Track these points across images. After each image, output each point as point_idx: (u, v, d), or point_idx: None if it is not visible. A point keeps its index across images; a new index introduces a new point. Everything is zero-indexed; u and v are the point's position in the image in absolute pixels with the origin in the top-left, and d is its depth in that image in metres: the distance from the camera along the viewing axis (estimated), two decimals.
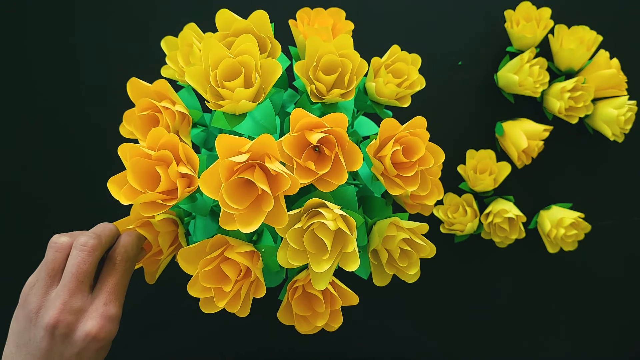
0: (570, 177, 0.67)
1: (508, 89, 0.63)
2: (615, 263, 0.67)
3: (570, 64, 0.61)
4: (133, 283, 0.63)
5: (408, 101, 0.42)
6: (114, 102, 0.64)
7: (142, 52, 0.64)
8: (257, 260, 0.37)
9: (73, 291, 0.34)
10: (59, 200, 0.65)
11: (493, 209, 0.62)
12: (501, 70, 0.62)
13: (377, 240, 0.38)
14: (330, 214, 0.34)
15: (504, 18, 0.64)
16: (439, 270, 0.66)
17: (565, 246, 0.63)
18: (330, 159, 0.34)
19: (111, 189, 0.34)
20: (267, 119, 0.39)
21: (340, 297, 0.39)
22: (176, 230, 0.41)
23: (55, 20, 0.64)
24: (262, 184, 0.31)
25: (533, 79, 0.60)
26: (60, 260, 0.36)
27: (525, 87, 0.60)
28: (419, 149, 0.37)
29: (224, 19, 0.38)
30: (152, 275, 0.41)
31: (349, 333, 0.65)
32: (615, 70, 0.60)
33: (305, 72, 0.38)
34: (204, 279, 0.35)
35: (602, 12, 0.66)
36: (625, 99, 0.61)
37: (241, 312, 0.37)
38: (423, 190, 0.39)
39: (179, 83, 0.45)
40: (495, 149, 0.66)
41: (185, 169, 0.34)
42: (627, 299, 0.68)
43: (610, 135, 0.62)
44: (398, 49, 0.43)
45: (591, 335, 0.68)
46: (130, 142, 0.35)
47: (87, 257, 0.35)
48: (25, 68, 0.64)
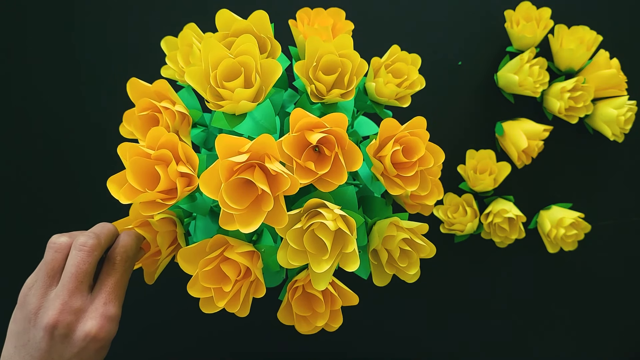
0: (570, 177, 0.67)
1: (508, 89, 0.63)
2: (615, 263, 0.67)
3: (570, 64, 0.61)
4: (133, 283, 0.62)
5: (408, 101, 0.42)
6: (114, 102, 0.64)
7: (142, 52, 0.64)
8: (257, 260, 0.37)
9: (72, 291, 0.34)
10: (59, 200, 0.65)
11: (493, 209, 0.62)
12: (501, 70, 0.62)
13: (377, 240, 0.38)
14: (330, 214, 0.34)
15: (503, 18, 0.64)
16: (439, 270, 0.66)
17: (565, 246, 0.63)
18: (330, 159, 0.34)
19: (111, 189, 0.34)
20: (267, 119, 0.39)
21: (341, 297, 0.39)
22: (175, 230, 0.41)
23: (55, 20, 0.64)
24: (262, 184, 0.31)
25: (533, 79, 0.60)
26: (59, 260, 0.36)
27: (525, 87, 0.60)
28: (419, 149, 0.37)
29: (224, 19, 0.38)
30: (151, 276, 0.41)
31: (348, 333, 0.65)
32: (615, 70, 0.60)
33: (305, 72, 0.38)
34: (203, 279, 0.35)
35: (602, 12, 0.66)
36: (625, 99, 0.61)
37: (241, 312, 0.37)
38: (423, 190, 0.39)
39: (179, 83, 0.45)
40: (495, 149, 0.66)
41: (184, 168, 0.34)
42: (627, 299, 0.68)
43: (610, 135, 0.62)
44: (398, 49, 0.43)
45: (591, 335, 0.68)
46: (130, 142, 0.35)
47: (87, 257, 0.35)
48: (25, 68, 0.64)
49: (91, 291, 0.36)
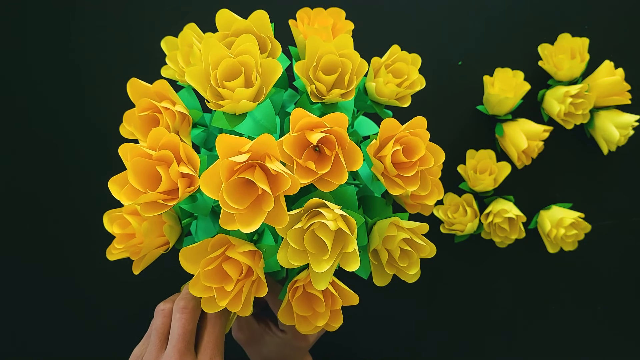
0: (570, 177, 0.67)
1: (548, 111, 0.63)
2: (615, 263, 0.67)
3: (571, 75, 0.61)
4: (130, 282, 0.63)
5: (408, 101, 0.42)
6: (114, 103, 0.64)
7: (142, 52, 0.64)
8: (258, 259, 0.37)
9: (182, 351, 0.37)
10: (59, 200, 0.65)
11: (493, 209, 0.62)
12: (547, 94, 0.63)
13: (377, 240, 0.38)
14: (331, 214, 0.34)
15: (503, 18, 0.64)
16: (439, 270, 0.66)
17: (565, 246, 0.63)
18: (331, 158, 0.34)
19: (112, 189, 0.34)
20: (267, 119, 0.39)
21: (341, 297, 0.39)
22: (164, 222, 0.40)
23: (55, 20, 0.64)
24: (262, 184, 0.31)
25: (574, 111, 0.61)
26: (167, 325, 0.39)
27: (563, 118, 0.61)
28: (419, 149, 0.37)
29: (224, 19, 0.38)
30: (136, 265, 0.41)
31: (348, 333, 0.65)
32: (620, 77, 0.60)
33: (305, 72, 0.38)
34: (205, 278, 0.35)
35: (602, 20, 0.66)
36: (633, 120, 0.60)
37: (243, 311, 0.37)
38: (423, 190, 0.39)
39: (179, 83, 0.45)
40: (495, 149, 0.66)
41: (186, 168, 0.34)
42: (627, 299, 0.68)
43: (605, 151, 0.63)
44: (398, 49, 0.43)
45: (591, 335, 0.68)
46: (131, 143, 0.35)
47: (190, 318, 0.39)
48: (25, 68, 0.64)
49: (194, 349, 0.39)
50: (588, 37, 0.61)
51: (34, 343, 0.66)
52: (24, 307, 0.66)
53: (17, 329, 0.66)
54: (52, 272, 0.66)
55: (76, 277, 0.66)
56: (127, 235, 0.40)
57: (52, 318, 0.66)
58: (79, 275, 0.66)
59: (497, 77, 0.61)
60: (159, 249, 0.41)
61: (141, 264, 0.40)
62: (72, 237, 0.66)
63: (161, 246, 0.41)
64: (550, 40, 0.63)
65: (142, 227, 0.38)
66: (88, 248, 0.65)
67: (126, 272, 0.43)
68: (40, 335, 0.66)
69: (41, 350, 0.66)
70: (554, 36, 0.62)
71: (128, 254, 0.40)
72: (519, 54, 0.65)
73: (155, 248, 0.40)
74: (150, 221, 0.39)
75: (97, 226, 0.44)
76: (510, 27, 0.65)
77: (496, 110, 0.62)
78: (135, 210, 0.40)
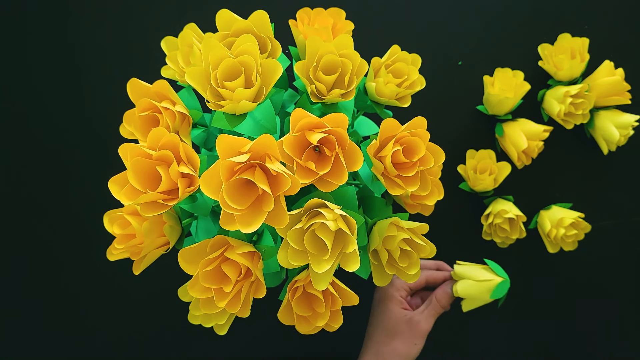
0: (570, 177, 0.67)
1: (548, 111, 0.63)
2: (615, 263, 0.67)
3: (571, 75, 0.61)
4: (131, 285, 0.63)
5: (408, 101, 0.42)
6: (113, 103, 0.64)
7: (142, 52, 0.64)
8: (257, 260, 0.37)
9: None
10: (59, 200, 0.65)
11: (493, 209, 0.62)
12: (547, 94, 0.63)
13: (377, 240, 0.38)
14: (331, 214, 0.34)
15: (503, 18, 0.64)
16: None
17: (565, 246, 0.63)
18: (331, 159, 0.34)
19: (112, 189, 0.34)
20: (267, 119, 0.39)
21: (341, 298, 0.39)
22: (164, 223, 0.40)
23: (54, 20, 0.64)
24: (262, 184, 0.31)
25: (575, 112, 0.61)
26: None
27: (563, 118, 0.61)
28: (419, 149, 0.37)
29: (224, 19, 0.38)
30: (137, 265, 0.41)
31: (348, 333, 0.64)
32: (619, 77, 0.60)
33: (306, 72, 0.38)
34: (204, 279, 0.35)
35: (602, 20, 0.66)
36: (633, 120, 0.60)
37: (242, 312, 0.37)
38: (423, 190, 0.39)
39: (179, 83, 0.45)
40: (495, 149, 0.66)
41: (186, 168, 0.34)
42: (627, 299, 0.68)
43: (606, 151, 0.62)
44: (398, 49, 0.43)
45: (591, 335, 0.68)
46: (131, 143, 0.35)
47: None
48: (25, 69, 0.64)
49: None
50: (588, 37, 0.61)
51: (34, 343, 0.66)
52: (24, 307, 0.66)
53: (18, 329, 0.66)
54: (52, 272, 0.66)
55: (76, 277, 0.66)
56: (127, 236, 0.40)
57: (52, 318, 0.66)
58: (80, 275, 0.66)
59: (497, 77, 0.61)
60: (160, 249, 0.41)
61: (141, 265, 0.40)
62: (72, 237, 0.65)
63: (161, 246, 0.41)
64: (550, 40, 0.63)
65: (143, 227, 0.38)
66: (88, 248, 0.65)
67: (126, 272, 0.43)
68: (40, 335, 0.66)
69: (41, 350, 0.66)
70: (554, 36, 0.62)
71: (128, 254, 0.40)
72: (519, 54, 0.65)
73: (155, 248, 0.40)
74: (150, 221, 0.39)
75: (97, 226, 0.44)
76: (510, 27, 0.65)
77: (496, 110, 0.62)
78: (135, 210, 0.40)
